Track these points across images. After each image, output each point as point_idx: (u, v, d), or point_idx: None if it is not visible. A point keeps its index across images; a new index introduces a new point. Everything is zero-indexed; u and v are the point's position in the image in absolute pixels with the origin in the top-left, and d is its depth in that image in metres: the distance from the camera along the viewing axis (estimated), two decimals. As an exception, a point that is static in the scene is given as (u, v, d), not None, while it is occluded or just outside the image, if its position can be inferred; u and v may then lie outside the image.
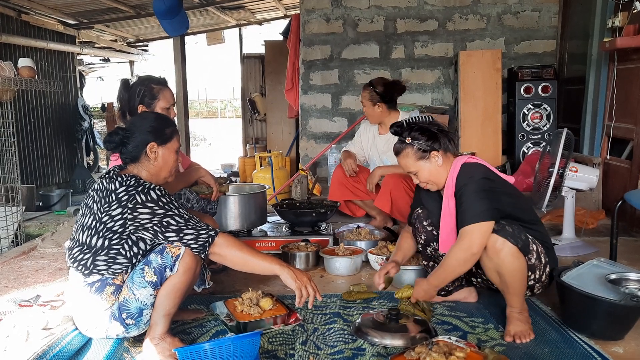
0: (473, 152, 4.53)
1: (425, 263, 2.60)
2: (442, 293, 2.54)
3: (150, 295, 1.98)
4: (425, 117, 2.35)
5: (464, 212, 2.11)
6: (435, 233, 2.43)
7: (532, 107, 5.01)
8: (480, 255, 2.12)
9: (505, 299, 2.21)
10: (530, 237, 2.16)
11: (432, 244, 2.47)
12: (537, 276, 2.22)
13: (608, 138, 4.15)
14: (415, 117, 2.34)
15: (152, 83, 2.65)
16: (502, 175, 2.29)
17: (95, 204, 2.01)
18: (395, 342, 2.02)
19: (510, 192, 2.24)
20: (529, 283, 2.21)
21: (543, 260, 2.21)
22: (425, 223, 2.47)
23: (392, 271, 2.43)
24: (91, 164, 9.46)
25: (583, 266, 2.28)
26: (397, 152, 2.30)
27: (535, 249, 2.17)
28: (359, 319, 2.22)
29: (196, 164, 2.98)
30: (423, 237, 2.48)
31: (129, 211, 1.94)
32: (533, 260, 2.17)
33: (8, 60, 4.23)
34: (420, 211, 2.49)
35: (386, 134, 3.74)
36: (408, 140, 2.24)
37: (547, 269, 2.24)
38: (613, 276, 2.16)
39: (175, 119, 3.07)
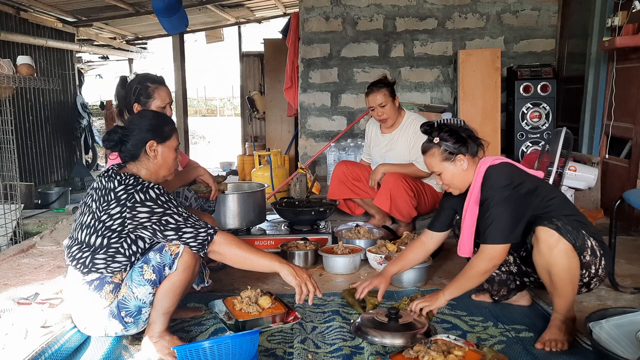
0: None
1: None
2: (496, 298, 2.48)
3: (149, 293, 1.98)
4: (456, 120, 2.35)
5: (488, 227, 2.10)
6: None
7: (531, 106, 5.02)
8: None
9: (553, 302, 2.14)
10: (584, 232, 2.07)
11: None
12: (592, 272, 2.11)
13: (607, 137, 4.16)
14: (446, 119, 2.31)
15: (148, 81, 2.63)
16: (530, 171, 2.24)
17: (94, 203, 2.01)
18: (395, 341, 2.02)
19: (539, 192, 2.15)
20: (584, 280, 2.12)
21: (598, 253, 2.09)
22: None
23: (382, 288, 2.42)
24: (90, 161, 9.46)
25: (625, 316, 1.88)
26: (424, 150, 2.30)
27: (589, 244, 2.07)
28: (359, 319, 2.21)
29: (195, 163, 2.97)
30: None
31: (127, 210, 1.94)
32: (588, 257, 2.06)
33: (7, 58, 4.22)
34: (458, 217, 2.42)
35: (389, 133, 3.75)
36: (436, 140, 2.23)
37: (604, 262, 2.12)
38: None
39: (174, 117, 3.05)
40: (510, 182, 2.12)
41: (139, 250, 2.03)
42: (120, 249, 1.99)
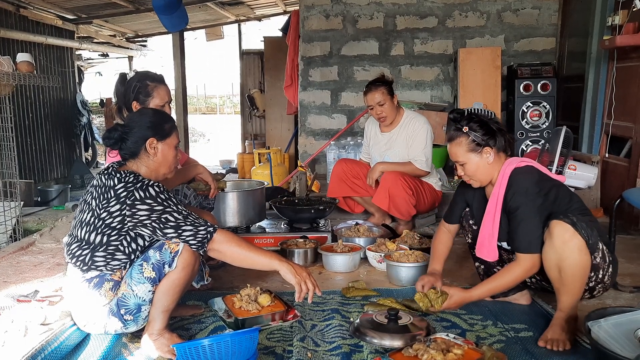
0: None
1: (477, 265, 2.51)
2: (495, 296, 2.45)
3: (149, 291, 1.98)
4: (487, 111, 2.30)
5: (526, 236, 2.07)
6: None
7: (531, 105, 5.01)
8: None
9: (557, 300, 2.09)
10: (597, 233, 2.04)
11: None
12: (599, 276, 2.06)
13: (607, 136, 4.16)
14: (477, 109, 2.27)
15: (148, 80, 2.62)
16: (553, 175, 2.20)
17: (93, 200, 2.01)
18: (395, 342, 2.00)
19: (562, 198, 2.13)
20: (590, 284, 2.07)
21: (607, 259, 2.06)
22: (471, 222, 2.40)
23: (428, 286, 2.30)
24: (89, 159, 9.46)
25: (624, 315, 1.86)
26: (451, 138, 2.22)
27: (601, 247, 2.04)
28: (358, 320, 2.18)
29: (194, 161, 2.97)
30: (470, 237, 2.44)
31: (127, 208, 1.94)
32: (598, 260, 2.03)
33: (6, 55, 4.22)
34: (468, 210, 2.42)
35: (389, 131, 3.75)
36: (465, 129, 2.17)
37: (610, 269, 2.09)
38: None
39: (174, 115, 3.04)
40: (540, 189, 2.09)
41: (139, 248, 2.03)
42: (119, 246, 1.99)
